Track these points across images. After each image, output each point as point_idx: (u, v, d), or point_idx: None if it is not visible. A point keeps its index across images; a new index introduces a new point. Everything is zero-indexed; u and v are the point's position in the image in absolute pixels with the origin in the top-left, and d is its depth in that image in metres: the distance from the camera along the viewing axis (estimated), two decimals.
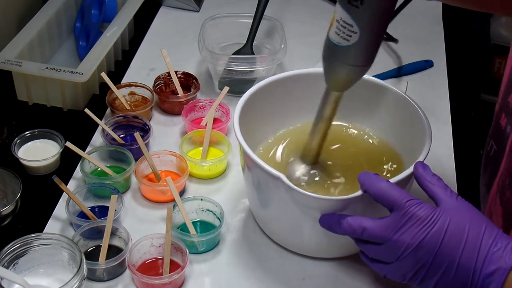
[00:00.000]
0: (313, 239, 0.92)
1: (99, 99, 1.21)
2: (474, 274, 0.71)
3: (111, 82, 1.16)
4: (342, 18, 0.80)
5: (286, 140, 1.03)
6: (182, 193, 1.05)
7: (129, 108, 1.16)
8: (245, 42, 1.27)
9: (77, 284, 0.83)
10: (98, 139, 1.13)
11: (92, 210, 0.99)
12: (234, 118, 0.93)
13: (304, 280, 0.93)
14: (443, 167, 1.12)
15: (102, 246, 0.91)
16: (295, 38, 1.34)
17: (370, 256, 0.79)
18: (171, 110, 1.20)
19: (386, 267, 0.77)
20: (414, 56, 1.37)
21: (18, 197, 0.99)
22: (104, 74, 1.16)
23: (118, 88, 1.17)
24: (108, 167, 1.06)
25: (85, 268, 0.85)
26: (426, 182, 0.78)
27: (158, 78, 1.21)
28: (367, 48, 0.82)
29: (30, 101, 1.21)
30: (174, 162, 1.06)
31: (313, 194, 0.82)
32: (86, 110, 1.09)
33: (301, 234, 0.92)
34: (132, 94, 1.19)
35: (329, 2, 1.53)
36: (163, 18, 1.47)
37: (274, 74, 1.02)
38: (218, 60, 1.21)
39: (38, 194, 1.04)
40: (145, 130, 1.12)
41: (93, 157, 1.05)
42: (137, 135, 1.04)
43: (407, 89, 1.26)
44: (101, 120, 1.13)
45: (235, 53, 1.28)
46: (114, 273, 0.91)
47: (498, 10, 1.05)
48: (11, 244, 0.86)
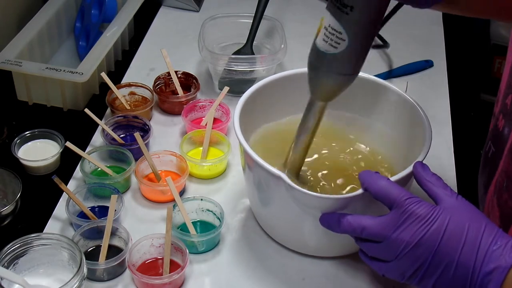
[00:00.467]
0: (313, 238, 0.92)
1: (99, 99, 1.21)
2: (473, 272, 0.71)
3: (111, 82, 1.16)
4: (330, 24, 0.78)
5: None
6: (182, 193, 1.05)
7: (129, 108, 1.16)
8: (245, 42, 1.27)
9: (77, 284, 0.83)
10: (98, 139, 1.13)
11: (92, 210, 0.99)
12: (234, 117, 0.93)
13: (304, 280, 0.93)
14: (443, 167, 1.12)
15: (102, 246, 0.91)
16: (295, 38, 1.33)
17: (369, 254, 0.79)
18: (171, 110, 1.20)
19: (385, 266, 0.77)
20: (414, 56, 1.37)
21: (18, 197, 0.99)
22: (104, 74, 1.16)
23: (118, 88, 1.17)
24: (108, 167, 1.06)
25: (85, 268, 0.85)
26: (425, 181, 0.78)
27: (158, 78, 1.21)
28: (355, 55, 0.80)
29: (30, 101, 1.21)
30: (174, 162, 1.06)
31: (313, 193, 0.82)
32: (86, 110, 1.09)
33: (301, 233, 0.92)
34: (132, 94, 1.19)
35: None
36: (163, 18, 1.47)
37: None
38: (218, 60, 1.21)
39: (38, 194, 1.04)
40: (145, 130, 1.12)
41: (93, 157, 1.05)
42: (137, 135, 1.04)
43: (407, 89, 1.26)
44: (101, 120, 1.13)
45: (235, 53, 1.28)
46: (114, 273, 0.91)
47: (487, 16, 1.04)
48: (11, 244, 0.86)
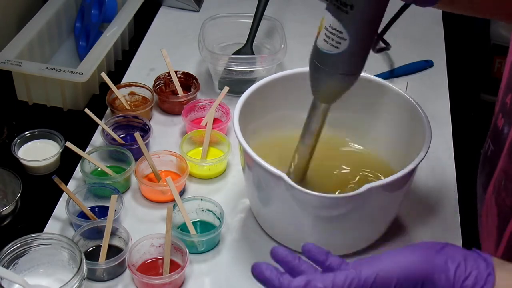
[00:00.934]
0: (313, 237, 0.92)
1: (99, 99, 1.21)
2: None
3: (111, 82, 1.16)
4: (331, 24, 0.78)
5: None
6: (182, 193, 1.05)
7: (129, 108, 1.16)
8: (245, 42, 1.27)
9: (77, 284, 0.83)
10: (98, 139, 1.13)
11: (92, 210, 0.99)
12: (234, 117, 0.93)
13: None
14: (443, 167, 1.12)
15: (102, 246, 0.91)
16: (295, 38, 1.33)
17: None
18: (171, 110, 1.20)
19: None
20: (414, 56, 1.36)
21: (18, 197, 0.99)
22: (104, 74, 1.16)
23: (118, 88, 1.17)
24: (108, 167, 1.06)
25: (85, 268, 0.85)
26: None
27: (158, 78, 1.21)
28: (357, 55, 0.80)
29: (30, 101, 1.21)
30: (174, 162, 1.06)
31: (313, 192, 0.82)
32: (86, 110, 1.09)
33: (301, 233, 0.92)
34: (132, 94, 1.19)
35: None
36: (163, 18, 1.47)
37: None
38: (218, 60, 1.21)
39: (38, 194, 1.04)
40: (145, 130, 1.12)
41: (93, 157, 1.05)
42: (137, 135, 1.04)
43: (407, 89, 1.26)
44: (101, 120, 1.13)
45: (235, 53, 1.28)
46: (114, 273, 0.91)
47: (489, 16, 1.03)
48: (11, 244, 0.86)
